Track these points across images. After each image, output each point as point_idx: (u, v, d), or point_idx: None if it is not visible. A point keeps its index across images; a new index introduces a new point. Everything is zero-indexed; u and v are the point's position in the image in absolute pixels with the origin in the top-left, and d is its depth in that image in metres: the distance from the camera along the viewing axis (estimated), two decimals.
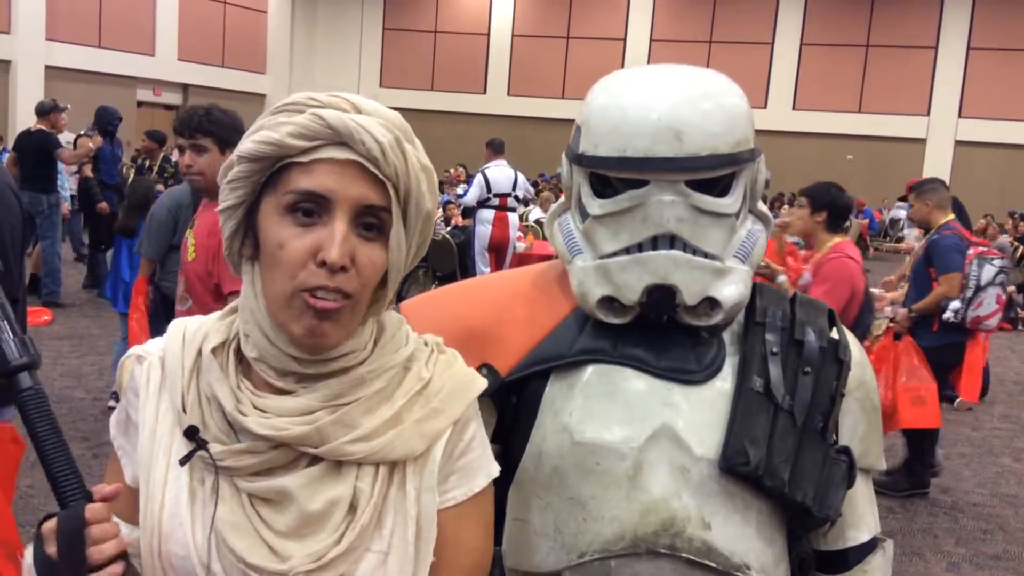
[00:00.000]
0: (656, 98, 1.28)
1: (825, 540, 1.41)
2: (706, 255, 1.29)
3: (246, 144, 1.03)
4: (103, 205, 9.86)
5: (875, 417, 1.43)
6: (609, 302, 1.31)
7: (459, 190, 14.14)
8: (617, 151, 1.28)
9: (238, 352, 1.09)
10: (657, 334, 1.33)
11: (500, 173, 9.56)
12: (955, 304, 5.53)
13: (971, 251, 5.64)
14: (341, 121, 1.00)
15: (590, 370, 1.33)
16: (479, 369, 1.34)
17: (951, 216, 5.80)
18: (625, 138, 1.27)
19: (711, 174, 1.27)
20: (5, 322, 1.02)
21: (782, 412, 1.28)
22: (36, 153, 9.14)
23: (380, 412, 1.06)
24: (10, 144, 12.55)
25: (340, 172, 1.00)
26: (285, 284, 1.00)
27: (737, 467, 1.25)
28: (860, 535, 1.41)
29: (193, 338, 1.11)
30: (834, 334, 1.37)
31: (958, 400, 7.85)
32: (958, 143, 25.36)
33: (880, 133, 25.49)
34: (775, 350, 1.31)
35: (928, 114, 25.67)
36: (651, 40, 27.23)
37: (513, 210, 9.77)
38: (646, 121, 1.26)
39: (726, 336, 1.35)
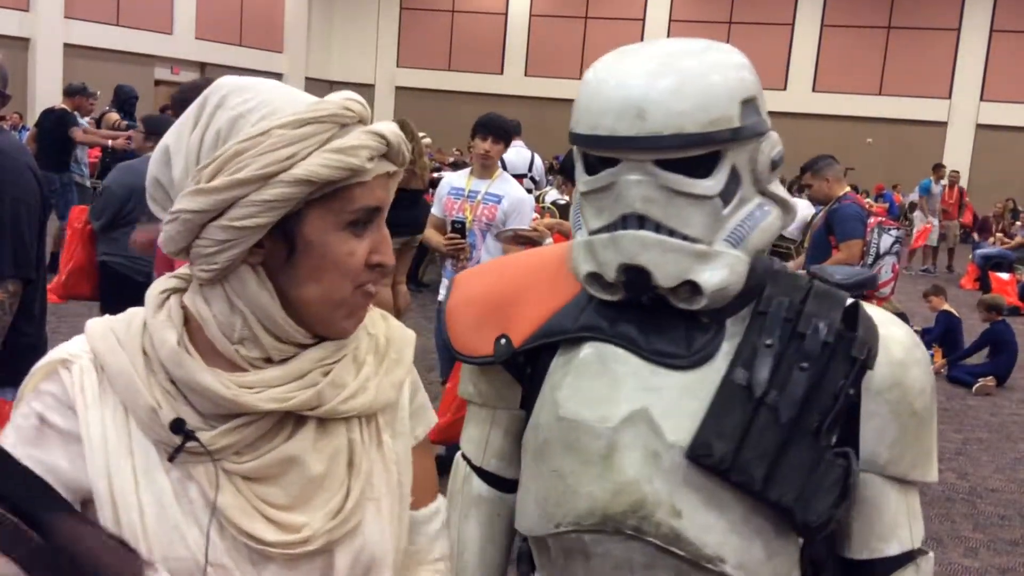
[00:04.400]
0: (627, 75, 1.24)
1: (850, 547, 1.34)
2: (685, 237, 1.24)
3: (313, 168, 0.98)
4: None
5: (912, 422, 1.32)
6: (596, 278, 1.30)
7: None
8: (590, 129, 1.26)
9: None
10: (655, 316, 1.30)
11: (516, 154, 9.53)
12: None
13: (871, 220, 5.92)
14: (396, 138, 1.05)
15: (587, 347, 1.34)
16: (497, 340, 1.39)
17: (847, 188, 6.13)
18: (596, 116, 1.25)
19: (677, 154, 1.22)
20: None
21: (764, 407, 1.23)
22: (54, 131, 9.16)
23: (357, 369, 1.11)
24: (30, 121, 12.58)
25: (386, 183, 1.07)
26: (345, 287, 1.06)
27: (701, 459, 1.22)
28: (887, 547, 1.33)
29: (128, 337, 1.07)
30: (858, 329, 1.29)
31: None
32: (979, 126, 25.11)
33: (901, 116, 25.27)
34: (769, 342, 1.25)
35: (950, 97, 25.42)
36: (670, 21, 27.05)
37: (528, 192, 9.74)
38: (613, 99, 1.23)
39: (732, 323, 1.30)
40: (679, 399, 1.27)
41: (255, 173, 0.98)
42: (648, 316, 1.31)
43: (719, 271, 1.24)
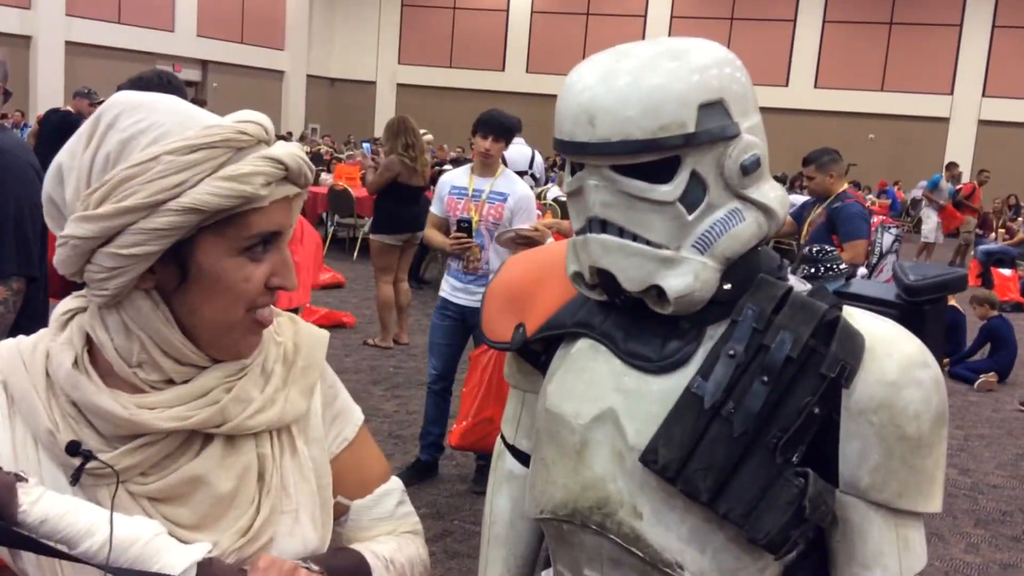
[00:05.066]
0: (587, 79, 1.23)
1: (836, 571, 1.30)
2: (648, 242, 1.23)
3: (202, 196, 0.97)
4: None
5: (902, 448, 1.22)
6: (581, 278, 1.32)
7: None
8: (558, 133, 1.27)
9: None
10: (639, 317, 1.30)
11: (516, 151, 9.51)
12: (862, 271, 5.64)
13: (874, 219, 5.84)
14: (295, 161, 1.03)
15: (580, 343, 1.36)
16: (516, 328, 1.44)
17: (847, 185, 5.99)
18: (561, 121, 1.26)
19: (627, 160, 1.21)
20: None
21: (718, 419, 1.20)
22: (54, 132, 9.22)
23: (265, 382, 1.11)
24: (32, 119, 12.61)
25: (287, 206, 1.05)
26: (237, 311, 1.04)
27: (648, 464, 1.22)
28: (869, 575, 1.27)
29: (33, 359, 1.07)
30: (832, 344, 1.23)
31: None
32: (982, 122, 25.11)
33: (903, 112, 25.26)
34: (732, 352, 1.22)
35: (952, 93, 25.40)
36: (672, 17, 27.03)
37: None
38: (570, 104, 1.23)
39: (713, 330, 1.28)
40: (645, 402, 1.27)
41: (142, 201, 0.96)
42: (635, 317, 1.31)
43: (683, 277, 1.23)
